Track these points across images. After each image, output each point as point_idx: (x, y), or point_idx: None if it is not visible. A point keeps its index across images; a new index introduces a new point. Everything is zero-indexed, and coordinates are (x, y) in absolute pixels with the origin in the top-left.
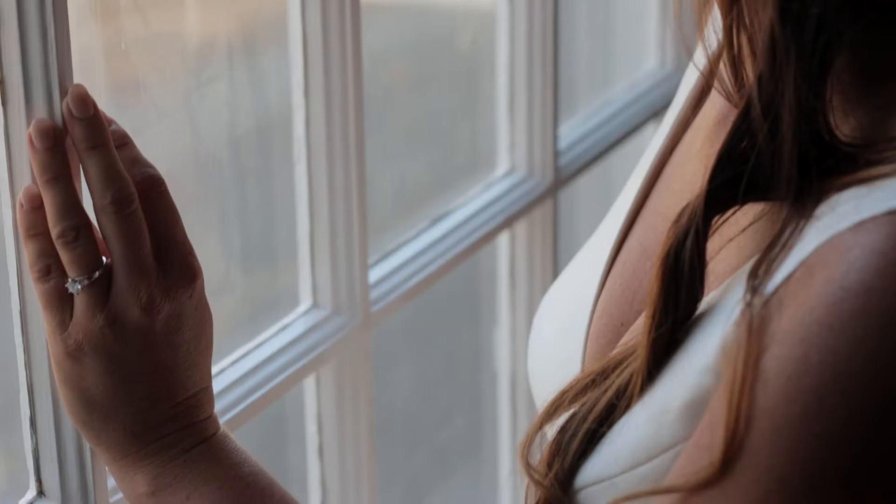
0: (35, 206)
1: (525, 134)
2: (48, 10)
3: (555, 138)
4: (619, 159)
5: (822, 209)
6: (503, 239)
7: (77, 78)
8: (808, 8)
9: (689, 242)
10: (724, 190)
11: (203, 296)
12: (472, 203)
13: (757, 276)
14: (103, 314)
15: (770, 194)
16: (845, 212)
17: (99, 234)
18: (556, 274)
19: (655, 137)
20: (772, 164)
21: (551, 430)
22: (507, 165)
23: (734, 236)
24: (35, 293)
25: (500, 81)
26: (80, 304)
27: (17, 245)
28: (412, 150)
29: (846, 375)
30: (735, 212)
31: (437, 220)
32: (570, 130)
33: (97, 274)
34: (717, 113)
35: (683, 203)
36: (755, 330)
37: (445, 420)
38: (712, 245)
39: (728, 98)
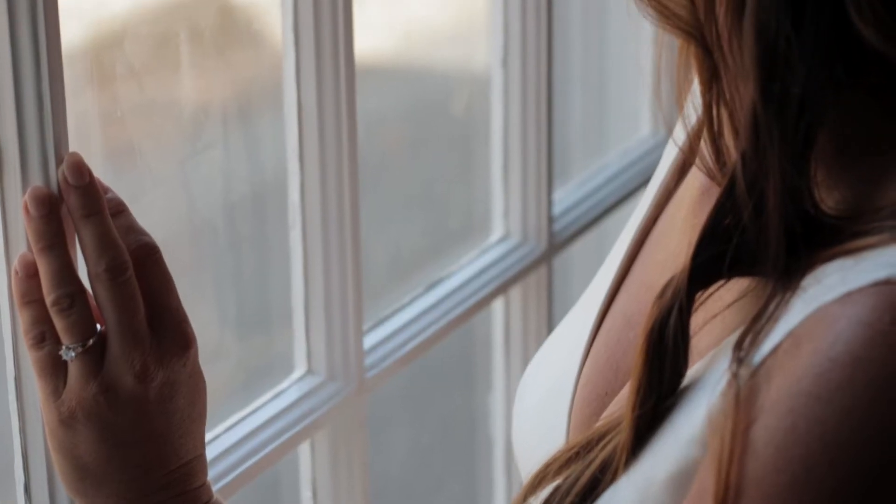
0: (30, 274)
1: (519, 199)
2: (44, 77)
3: (549, 204)
4: (614, 225)
5: (809, 281)
6: (498, 305)
7: (73, 144)
8: (790, 88)
9: (672, 318)
10: (708, 266)
11: (197, 363)
12: (466, 269)
13: (742, 348)
14: (97, 382)
15: (755, 270)
16: (832, 283)
17: (93, 302)
18: None
19: (638, 207)
20: (758, 242)
21: (536, 503)
22: (501, 231)
23: (719, 312)
24: (30, 360)
25: (494, 147)
26: (73, 371)
27: (12, 312)
28: (407, 215)
29: (834, 445)
30: (719, 287)
31: (431, 286)
32: (565, 196)
33: (91, 342)
34: (701, 184)
35: (667, 275)
36: (743, 400)
37: (440, 486)
38: (696, 320)
39: (709, 175)
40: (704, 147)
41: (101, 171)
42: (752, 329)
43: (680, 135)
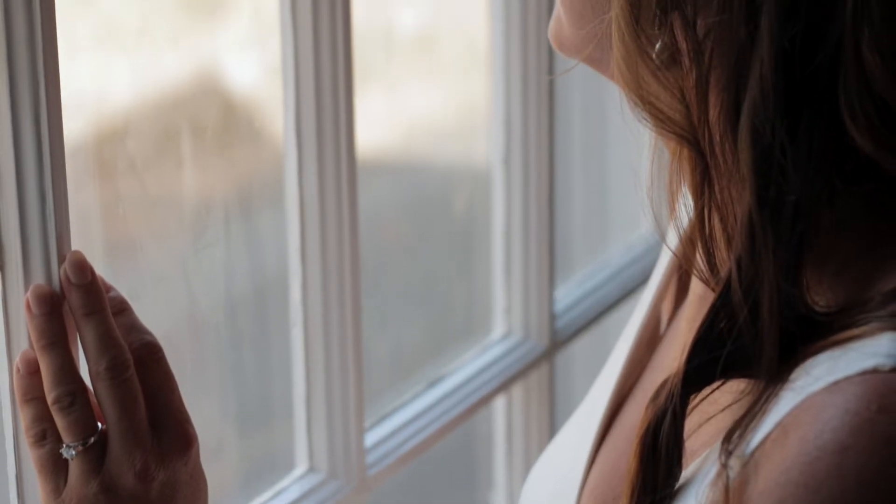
0: (31, 371)
1: (521, 297)
2: (47, 175)
3: (551, 301)
4: (616, 322)
5: (797, 373)
6: (499, 402)
7: (74, 239)
8: (785, 195)
9: (667, 421)
10: (702, 369)
11: (198, 463)
12: (468, 366)
13: (731, 441)
14: (97, 481)
15: (750, 372)
16: (819, 374)
17: (95, 400)
18: (552, 438)
19: (637, 309)
20: (753, 345)
21: None
22: (503, 328)
23: (713, 414)
24: (31, 457)
25: (495, 243)
26: (74, 469)
27: (13, 409)
28: (408, 312)
29: None
30: (714, 390)
31: (433, 384)
32: (567, 293)
33: (92, 440)
34: (701, 288)
35: None
36: (732, 491)
37: None
38: (691, 422)
39: (702, 279)
40: (697, 252)
41: (101, 267)
42: (742, 422)
43: (673, 239)
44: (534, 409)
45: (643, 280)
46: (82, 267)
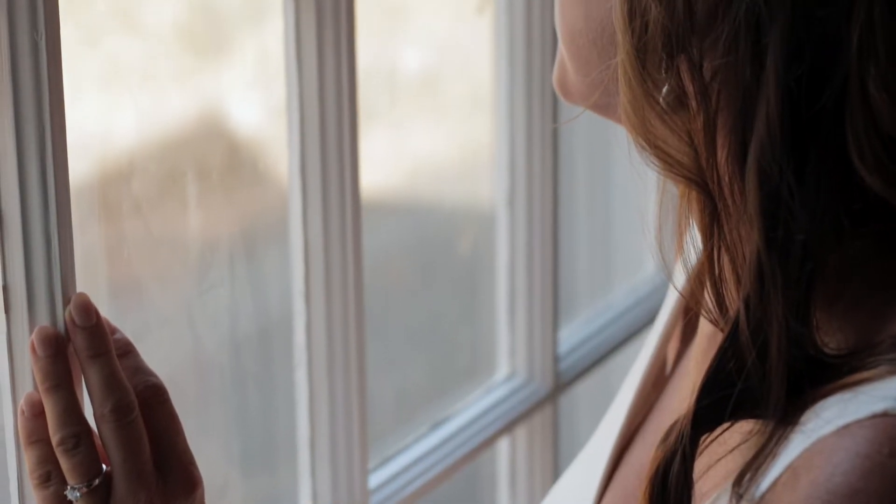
0: (36, 413)
1: (525, 338)
2: (52, 217)
3: (555, 343)
4: (620, 363)
5: (808, 416)
6: (503, 444)
7: (79, 280)
8: (794, 235)
9: (676, 462)
10: (711, 410)
11: None
12: (471, 408)
13: (741, 484)
14: None
15: (759, 413)
16: (830, 417)
17: (99, 441)
18: (556, 480)
19: (644, 350)
20: (761, 386)
21: None
22: (507, 369)
23: (722, 455)
24: (35, 499)
25: (499, 285)
26: None
27: (17, 451)
28: (412, 353)
29: None
30: (723, 431)
31: (436, 426)
32: (571, 335)
33: (96, 482)
34: (710, 329)
35: None
36: None
37: None
38: (700, 463)
39: (710, 319)
40: (706, 292)
41: (106, 307)
42: (752, 465)
43: (680, 279)
44: (537, 451)
45: (647, 322)
46: (87, 309)
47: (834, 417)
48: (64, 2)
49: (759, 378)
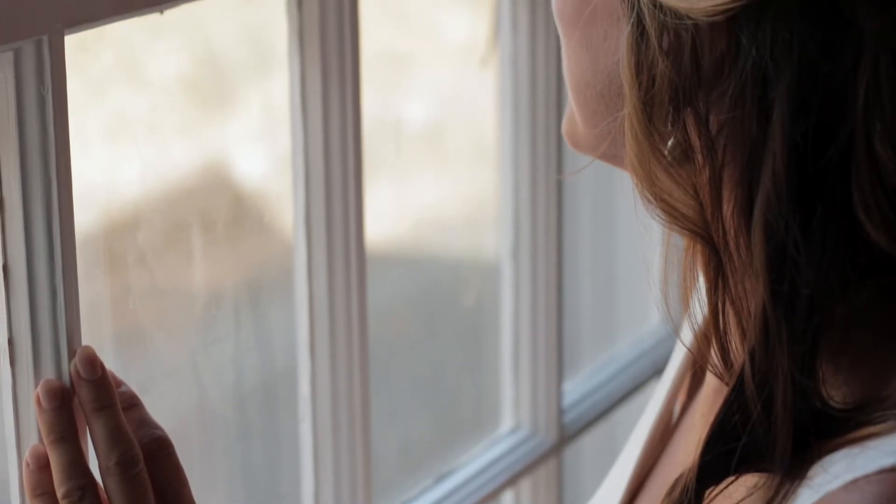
0: (41, 466)
1: (529, 390)
2: (58, 269)
3: (559, 395)
4: (625, 416)
5: (815, 470)
6: (508, 497)
7: (84, 331)
8: (799, 289)
9: None
10: (717, 463)
11: None
12: (476, 461)
13: None
14: None
15: (764, 466)
16: (837, 471)
17: (104, 494)
18: None
19: (651, 404)
20: (767, 439)
21: None
22: (511, 422)
23: None
24: None
25: (504, 337)
26: None
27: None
28: (416, 405)
29: None
30: (729, 484)
31: (441, 478)
32: (575, 387)
33: None
34: (716, 382)
35: None
36: None
37: None
38: None
39: (717, 374)
40: (712, 347)
41: (111, 358)
42: None
43: (687, 333)
44: None
45: (652, 374)
46: (93, 362)
47: (842, 472)
48: (70, 55)
49: (765, 431)
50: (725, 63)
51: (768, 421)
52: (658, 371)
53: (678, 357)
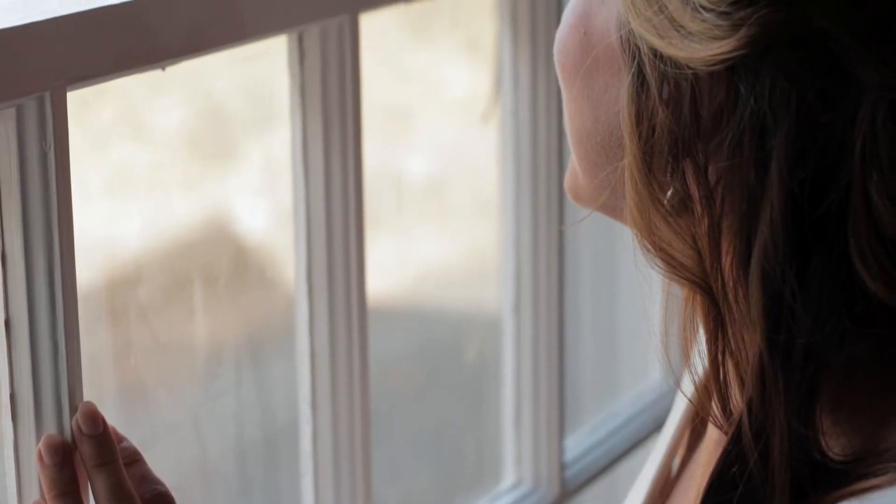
0: None
1: (531, 446)
2: (59, 325)
3: (561, 450)
4: (627, 471)
5: None
6: None
7: (85, 385)
8: (796, 338)
9: None
10: None
11: None
12: None
13: None
14: None
15: None
16: None
17: None
18: None
19: (651, 457)
20: (764, 490)
21: None
22: (513, 477)
23: None
24: None
25: (505, 392)
26: None
27: None
28: (418, 460)
29: None
30: None
31: None
32: (577, 442)
33: None
34: (717, 434)
35: None
36: None
37: None
38: None
39: (717, 426)
40: (712, 398)
41: (112, 413)
42: None
43: (688, 385)
44: None
45: (654, 429)
46: (94, 418)
47: None
48: (72, 109)
49: (762, 481)
50: (724, 112)
51: (766, 471)
52: (659, 426)
53: (678, 411)
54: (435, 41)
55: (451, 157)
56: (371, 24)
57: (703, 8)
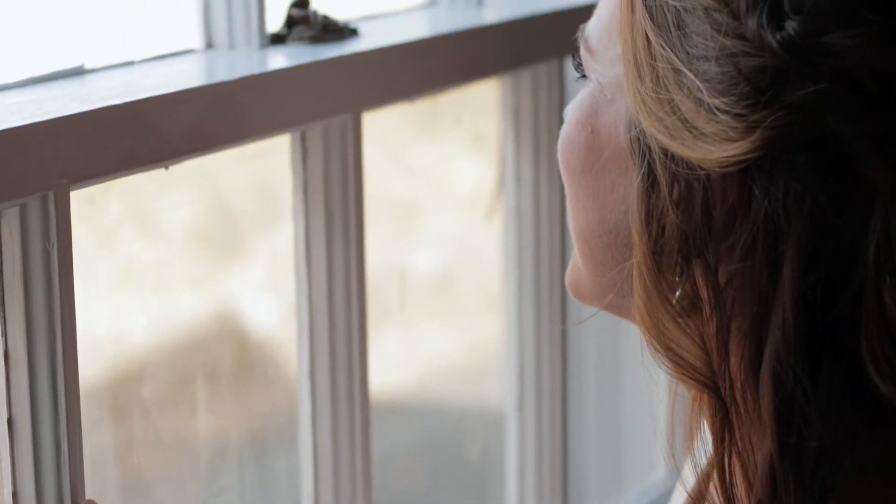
0: None
1: None
2: (62, 422)
3: None
4: None
5: None
6: None
7: (87, 482)
8: (807, 441)
9: None
10: None
11: None
12: None
13: None
14: None
15: None
16: None
17: None
18: None
19: None
20: None
21: None
22: None
23: None
24: None
25: (509, 490)
26: None
27: None
28: None
29: None
30: None
31: None
32: None
33: None
34: None
35: None
36: None
37: None
38: None
39: None
40: (715, 495)
41: None
42: None
43: (689, 479)
44: None
45: None
46: None
47: None
48: (78, 205)
49: None
50: (737, 214)
51: None
52: None
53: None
54: (440, 137)
55: (457, 252)
56: (377, 121)
57: (718, 109)
